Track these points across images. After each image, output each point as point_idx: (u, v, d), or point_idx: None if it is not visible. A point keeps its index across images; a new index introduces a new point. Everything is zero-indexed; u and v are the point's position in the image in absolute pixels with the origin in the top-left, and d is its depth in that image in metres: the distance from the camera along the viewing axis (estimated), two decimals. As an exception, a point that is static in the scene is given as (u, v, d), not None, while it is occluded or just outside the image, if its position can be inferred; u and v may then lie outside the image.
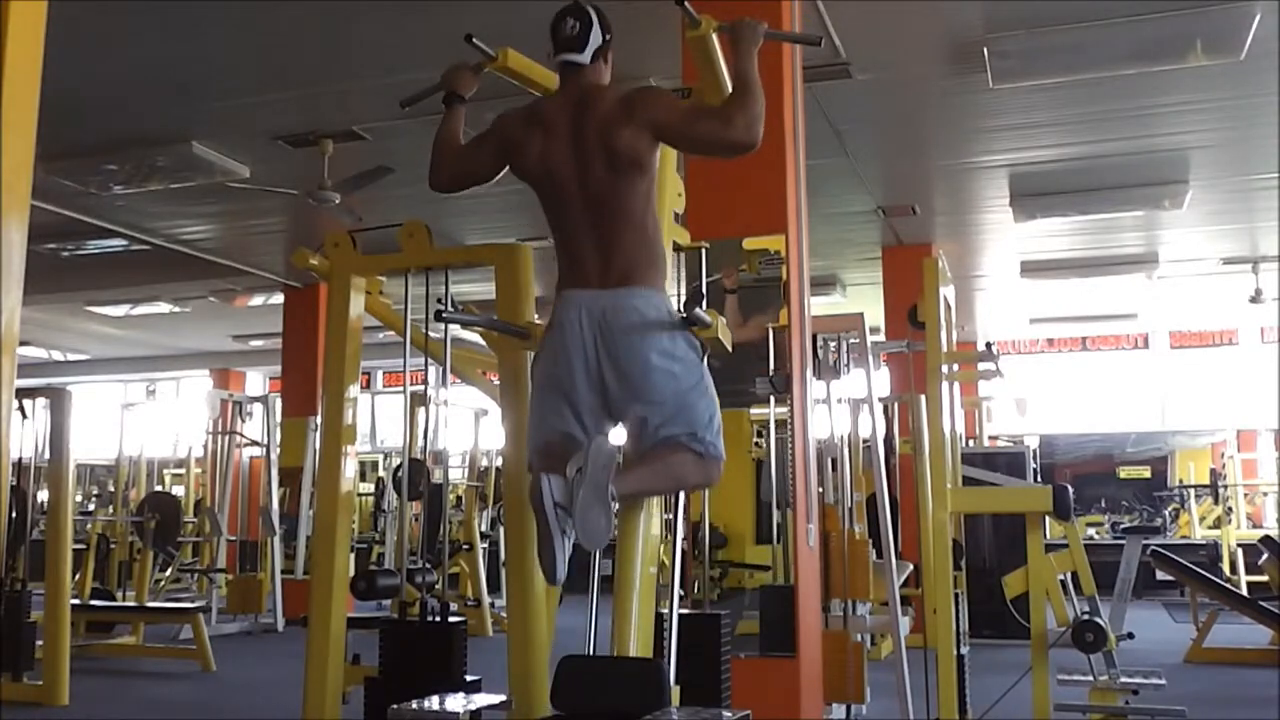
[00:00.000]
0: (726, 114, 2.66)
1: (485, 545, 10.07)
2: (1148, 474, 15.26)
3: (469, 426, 10.93)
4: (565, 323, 2.66)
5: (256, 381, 17.57)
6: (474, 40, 2.82)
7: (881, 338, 9.62)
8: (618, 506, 2.49)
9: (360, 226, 7.25)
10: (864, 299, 11.02)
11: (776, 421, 4.32)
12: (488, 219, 8.90)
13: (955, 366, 6.76)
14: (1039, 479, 10.12)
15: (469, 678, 3.75)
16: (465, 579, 9.73)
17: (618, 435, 2.76)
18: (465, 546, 9.62)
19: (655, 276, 2.70)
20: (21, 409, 6.60)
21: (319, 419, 4.93)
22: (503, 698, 3.15)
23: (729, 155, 2.76)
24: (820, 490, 4.49)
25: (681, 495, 2.89)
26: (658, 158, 2.76)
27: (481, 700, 3.12)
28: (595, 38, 2.72)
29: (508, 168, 2.83)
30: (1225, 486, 13.39)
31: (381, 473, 14.69)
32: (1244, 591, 10.01)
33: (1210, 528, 13.61)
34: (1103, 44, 5.59)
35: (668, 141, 2.74)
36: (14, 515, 6.51)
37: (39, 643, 6.39)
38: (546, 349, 2.72)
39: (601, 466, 2.43)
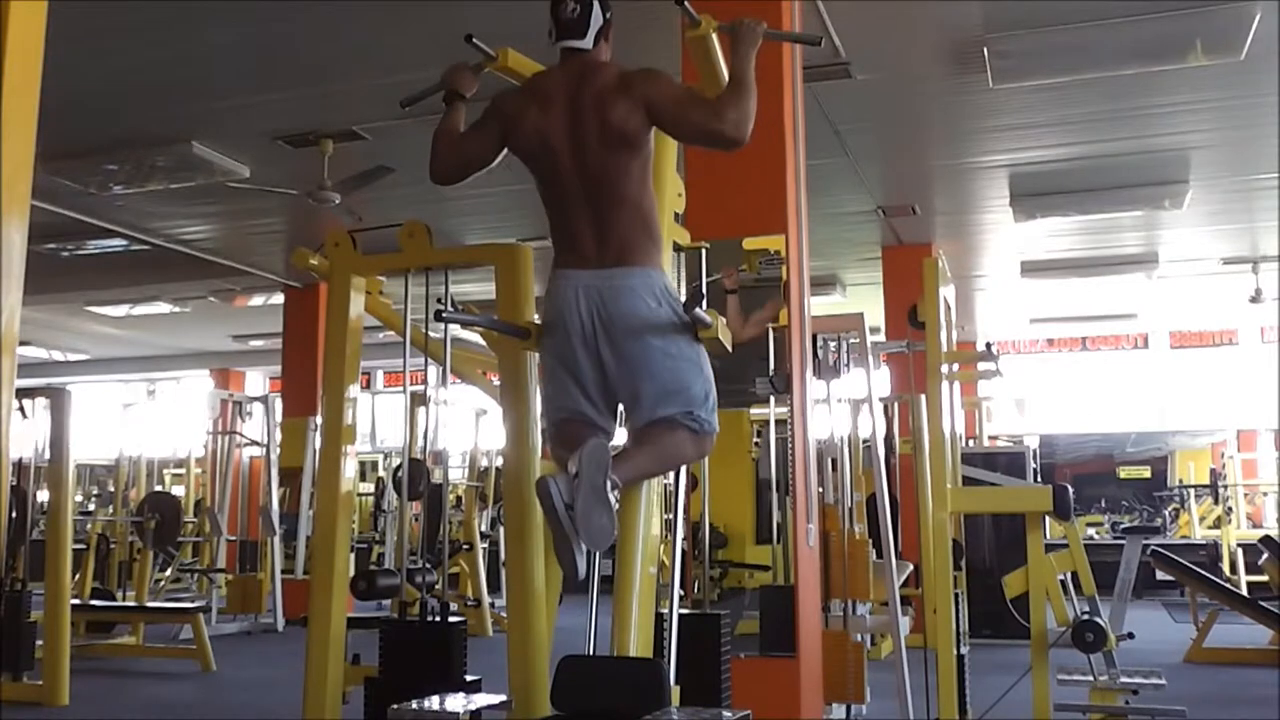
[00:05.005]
0: (718, 107, 2.66)
1: (485, 545, 10.07)
2: (1148, 474, 15.25)
3: (469, 426, 10.94)
4: (562, 302, 2.67)
5: (256, 381, 17.56)
6: (474, 40, 2.82)
7: (881, 338, 9.62)
8: (618, 507, 2.51)
9: (360, 226, 7.25)
10: (864, 299, 11.01)
11: (776, 421, 4.32)
12: (488, 219, 8.90)
13: (955, 366, 6.76)
14: (1039, 479, 10.11)
15: (469, 678, 3.74)
16: (465, 579, 9.73)
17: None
18: (465, 546, 9.61)
19: (652, 255, 2.70)
20: (21, 409, 6.60)
21: (319, 419, 4.94)
22: (503, 698, 3.14)
23: (716, 147, 2.72)
24: (820, 490, 4.49)
25: (681, 497, 2.91)
26: (651, 139, 2.74)
27: (481, 700, 3.12)
28: (596, 18, 2.73)
29: (507, 149, 2.80)
30: (1225, 486, 13.39)
31: (381, 473, 14.68)
32: (1244, 591, 10.00)
33: (1210, 528, 13.60)
34: (1103, 44, 5.59)
35: (659, 123, 2.70)
36: (14, 515, 6.51)
37: (39, 643, 6.39)
38: (547, 328, 2.74)
39: (597, 468, 2.45)
